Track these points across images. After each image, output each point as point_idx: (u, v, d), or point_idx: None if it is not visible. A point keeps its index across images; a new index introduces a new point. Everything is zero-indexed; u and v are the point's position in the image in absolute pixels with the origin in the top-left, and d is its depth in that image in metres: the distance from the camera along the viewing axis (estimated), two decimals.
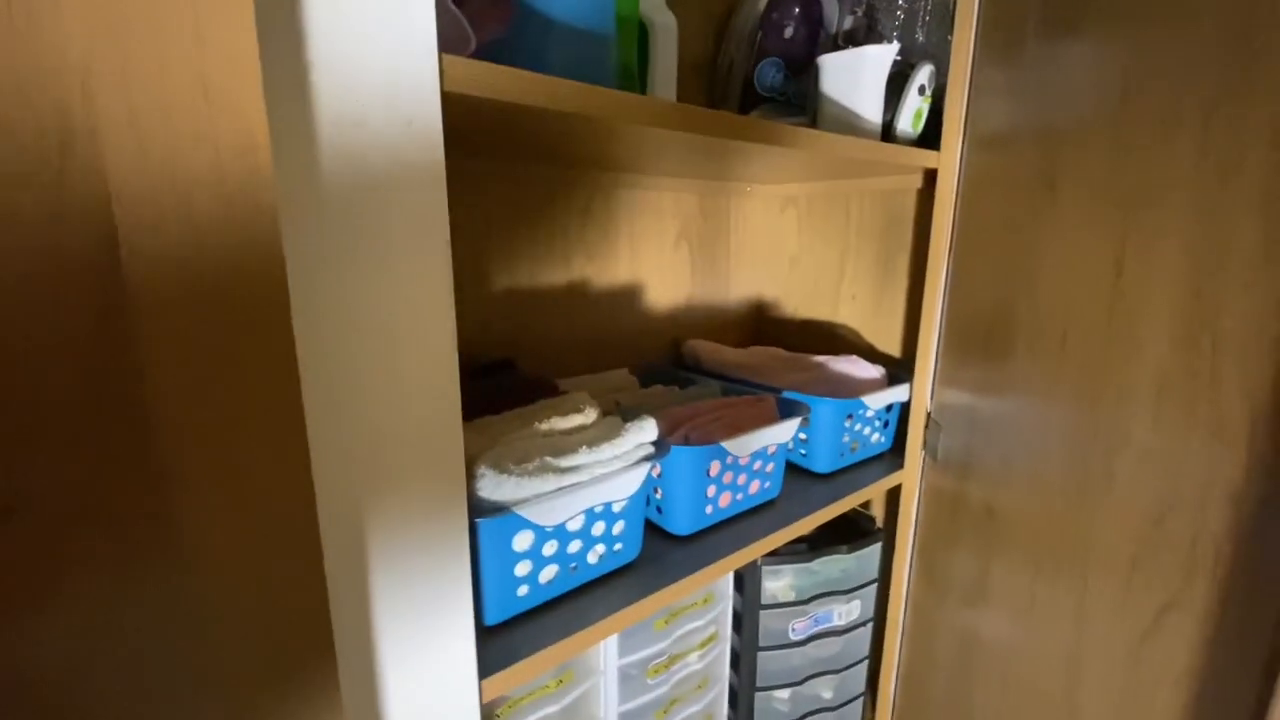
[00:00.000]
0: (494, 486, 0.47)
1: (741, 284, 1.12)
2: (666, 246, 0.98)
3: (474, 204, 0.77)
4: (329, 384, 0.34)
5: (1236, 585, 0.46)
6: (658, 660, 0.74)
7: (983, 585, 0.75)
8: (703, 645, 0.80)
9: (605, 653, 0.69)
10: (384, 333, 0.36)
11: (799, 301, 1.08)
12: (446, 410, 0.39)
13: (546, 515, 0.49)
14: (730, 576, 0.82)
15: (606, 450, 0.54)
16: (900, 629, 0.90)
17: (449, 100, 0.37)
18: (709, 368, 0.96)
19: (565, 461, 0.51)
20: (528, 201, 0.81)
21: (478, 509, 0.47)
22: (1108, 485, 0.54)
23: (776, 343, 1.04)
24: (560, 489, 0.50)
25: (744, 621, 0.83)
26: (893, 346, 0.95)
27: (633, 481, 0.55)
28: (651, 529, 0.67)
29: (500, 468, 0.48)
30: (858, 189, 0.95)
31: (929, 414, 0.83)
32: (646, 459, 0.57)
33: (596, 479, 0.52)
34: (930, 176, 0.81)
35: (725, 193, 1.04)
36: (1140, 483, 0.51)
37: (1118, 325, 0.52)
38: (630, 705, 0.73)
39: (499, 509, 0.47)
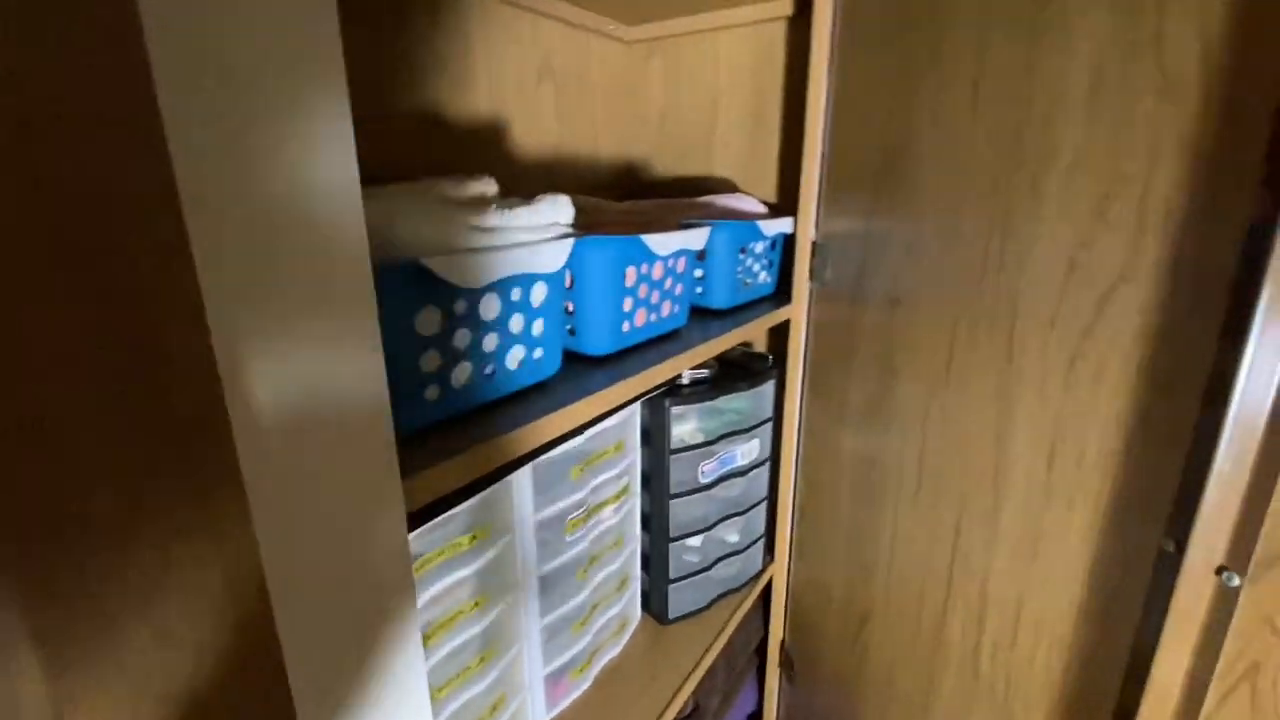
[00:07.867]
0: (388, 232, 0.35)
1: (609, 144, 1.03)
2: (528, 82, 0.86)
3: None
4: None
5: (1188, 240, 0.49)
6: (575, 514, 0.66)
7: (887, 384, 0.78)
8: (617, 498, 0.74)
9: (519, 504, 0.59)
10: None
11: (671, 160, 1.03)
12: None
13: (460, 273, 0.38)
14: (638, 427, 0.77)
15: (523, 216, 0.43)
16: (794, 463, 0.93)
17: None
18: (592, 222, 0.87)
19: (476, 220, 0.40)
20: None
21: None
22: (1036, 207, 0.56)
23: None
24: (474, 250, 0.39)
25: (654, 471, 0.78)
26: (769, 191, 0.94)
27: (558, 256, 0.45)
28: (567, 356, 0.58)
29: (394, 210, 0.35)
30: (726, 22, 0.91)
31: (815, 243, 0.84)
32: (565, 238, 0.47)
33: (519, 245, 0.42)
34: None
35: (588, 31, 0.94)
36: (1075, 184, 0.54)
37: (1047, 33, 0.54)
38: (551, 565, 0.64)
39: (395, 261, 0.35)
